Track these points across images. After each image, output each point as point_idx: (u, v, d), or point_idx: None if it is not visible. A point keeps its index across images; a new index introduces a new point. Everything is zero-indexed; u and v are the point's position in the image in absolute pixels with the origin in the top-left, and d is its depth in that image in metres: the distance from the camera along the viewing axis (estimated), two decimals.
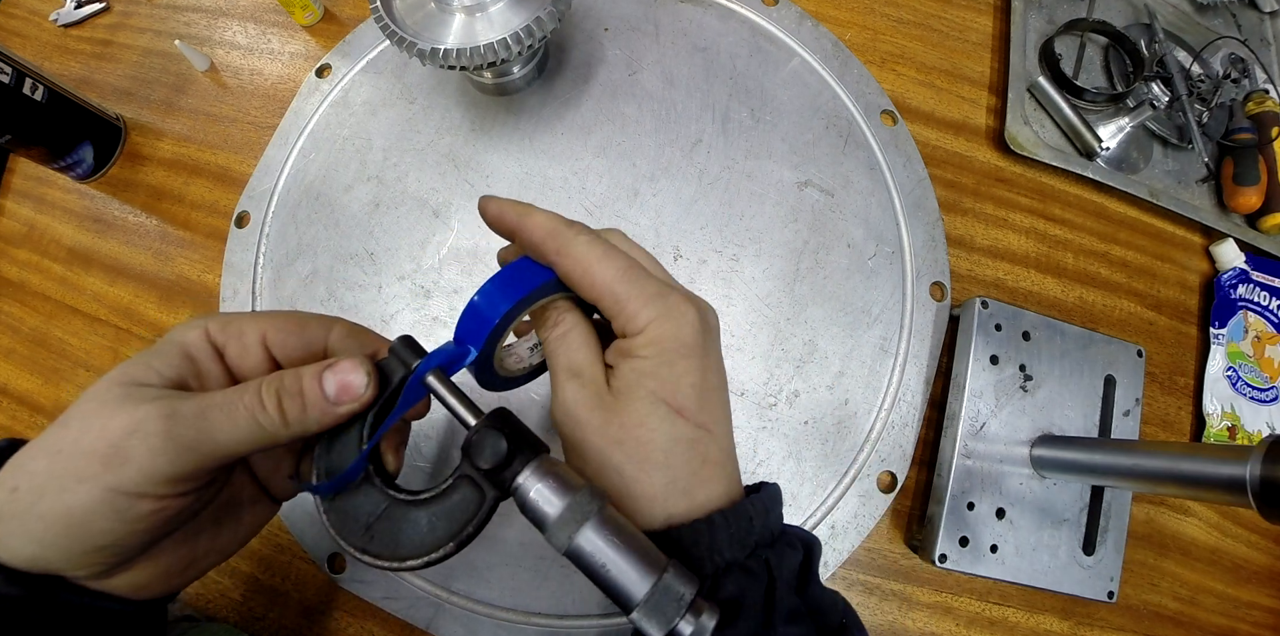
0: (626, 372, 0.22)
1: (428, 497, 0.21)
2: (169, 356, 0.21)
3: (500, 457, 0.20)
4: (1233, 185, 0.49)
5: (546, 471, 0.21)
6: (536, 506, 0.20)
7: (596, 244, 0.23)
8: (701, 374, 0.22)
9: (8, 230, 0.48)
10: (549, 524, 0.20)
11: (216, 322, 0.22)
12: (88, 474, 0.18)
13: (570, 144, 0.44)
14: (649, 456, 0.22)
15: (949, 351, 0.42)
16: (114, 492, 0.18)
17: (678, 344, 0.22)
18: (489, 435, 0.21)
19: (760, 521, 0.22)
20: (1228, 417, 0.45)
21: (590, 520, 0.20)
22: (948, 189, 0.47)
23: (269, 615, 0.37)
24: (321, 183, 0.44)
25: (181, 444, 0.19)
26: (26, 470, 0.19)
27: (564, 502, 0.20)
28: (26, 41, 0.54)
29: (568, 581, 0.36)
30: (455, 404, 0.22)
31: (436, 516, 0.21)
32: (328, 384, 0.21)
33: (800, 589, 0.22)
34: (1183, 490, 0.31)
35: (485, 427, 0.21)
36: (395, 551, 0.21)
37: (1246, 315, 0.48)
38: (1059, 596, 0.39)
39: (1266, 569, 0.45)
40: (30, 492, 0.19)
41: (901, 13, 0.51)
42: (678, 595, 0.19)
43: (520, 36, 0.35)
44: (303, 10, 0.49)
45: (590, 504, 0.20)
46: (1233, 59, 0.55)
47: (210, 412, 0.19)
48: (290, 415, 0.20)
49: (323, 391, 0.21)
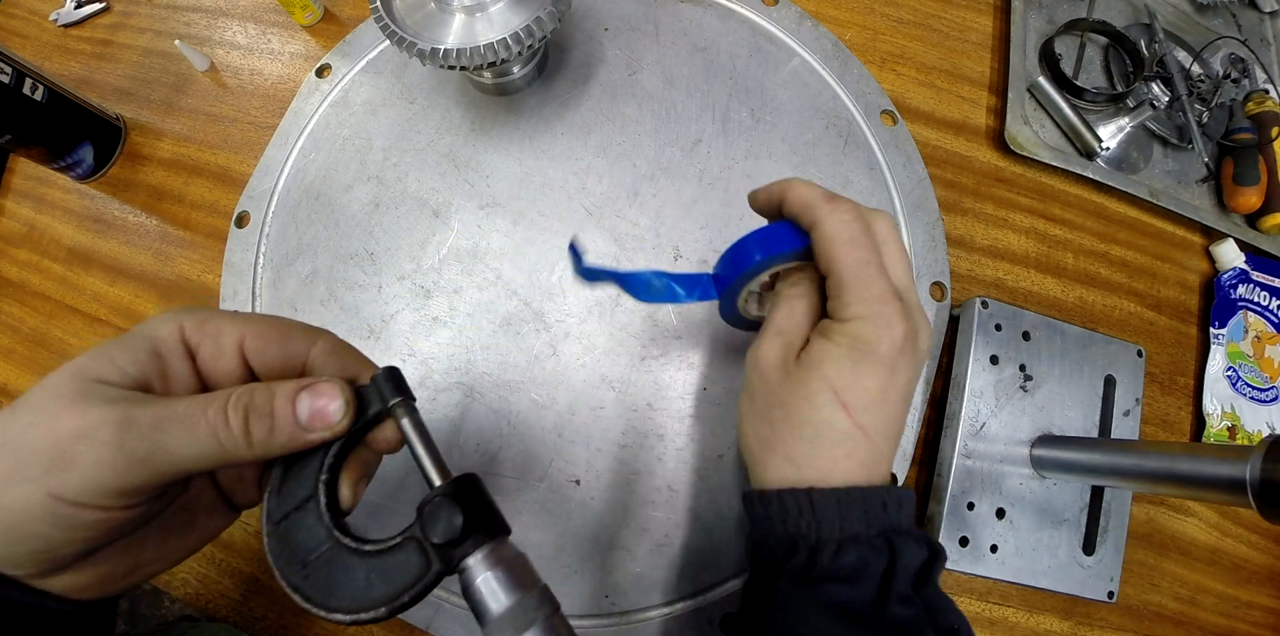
0: (816, 351, 0.24)
1: (372, 551, 0.19)
2: (136, 352, 0.19)
3: (454, 534, 0.19)
4: (1233, 185, 0.49)
5: (499, 560, 0.19)
6: (481, 597, 0.19)
7: (849, 225, 0.24)
8: (881, 383, 0.24)
9: (8, 230, 0.48)
10: (489, 620, 0.19)
11: (194, 320, 0.20)
12: (30, 475, 0.17)
13: (570, 144, 0.44)
14: (799, 429, 0.24)
15: (949, 351, 0.41)
16: (55, 499, 0.17)
17: (870, 348, 0.23)
18: (446, 506, 0.19)
19: (894, 510, 0.24)
20: (1228, 417, 0.45)
21: (534, 627, 0.18)
22: (948, 189, 0.47)
23: (269, 615, 0.37)
24: (321, 183, 0.44)
25: (133, 456, 0.17)
26: None
27: (511, 600, 0.19)
28: (26, 41, 0.54)
29: (567, 582, 0.36)
30: (424, 456, 0.20)
31: (375, 573, 0.19)
32: (301, 407, 0.19)
33: (918, 586, 0.23)
34: (1183, 490, 0.31)
35: (444, 496, 0.19)
36: (326, 599, 0.19)
37: (1246, 315, 0.48)
38: (1059, 596, 0.39)
39: (1266, 569, 0.45)
40: None
41: (901, 13, 0.51)
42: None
43: (520, 36, 0.35)
44: (303, 10, 0.49)
45: (538, 609, 0.19)
46: (1233, 59, 0.55)
47: (168, 424, 0.18)
48: (255, 436, 0.19)
49: (295, 415, 0.19)
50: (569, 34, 0.46)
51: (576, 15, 0.47)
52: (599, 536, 0.37)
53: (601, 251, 0.41)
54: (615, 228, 0.42)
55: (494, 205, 0.42)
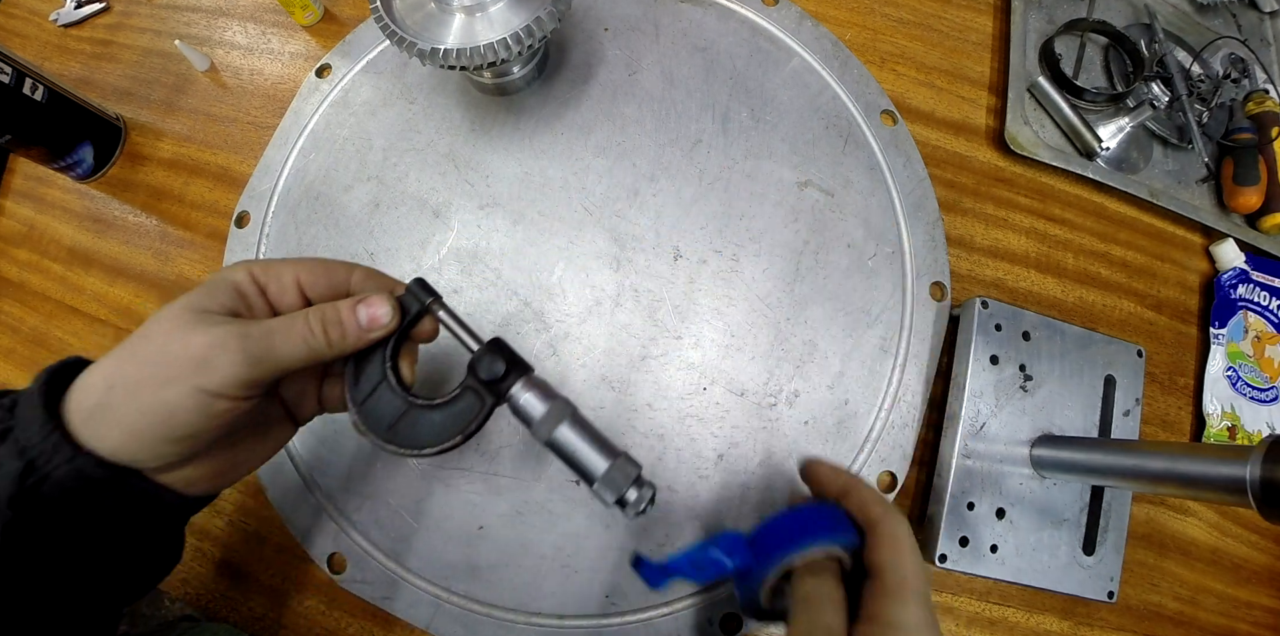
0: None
1: (440, 403, 0.27)
2: (225, 291, 0.25)
3: (498, 373, 0.26)
4: (1233, 185, 0.49)
5: (531, 385, 0.26)
6: (526, 410, 0.26)
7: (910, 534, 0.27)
8: None
9: (8, 230, 0.48)
10: (535, 422, 0.26)
11: (259, 266, 0.26)
12: (178, 376, 0.22)
13: (570, 144, 0.44)
14: None
15: (949, 351, 0.42)
16: (201, 392, 0.22)
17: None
18: (489, 356, 0.26)
19: None
20: (1228, 417, 0.45)
21: (565, 420, 0.26)
22: (948, 189, 0.47)
23: (269, 615, 0.37)
24: (321, 183, 0.44)
25: (251, 357, 0.23)
26: (120, 372, 0.23)
27: (545, 407, 0.26)
28: (26, 41, 0.54)
29: (567, 581, 0.36)
30: (461, 332, 0.27)
31: (447, 417, 0.26)
32: (361, 315, 0.26)
33: None
34: (1183, 490, 0.31)
35: (487, 351, 0.26)
36: (413, 445, 0.26)
37: (1246, 315, 0.48)
38: (1059, 596, 0.39)
39: (1266, 569, 0.45)
40: (126, 390, 0.22)
41: (901, 13, 0.51)
42: (628, 474, 0.26)
43: (520, 36, 0.35)
44: (303, 10, 0.49)
45: (565, 408, 0.26)
46: (1233, 59, 0.55)
47: (273, 335, 0.24)
48: (332, 339, 0.25)
49: (357, 321, 0.26)
50: (569, 34, 0.46)
51: (576, 15, 0.47)
52: (599, 536, 0.37)
53: (601, 251, 0.41)
54: (615, 228, 0.42)
55: (494, 205, 0.42)
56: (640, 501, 0.26)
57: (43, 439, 0.22)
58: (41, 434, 0.22)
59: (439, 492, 0.37)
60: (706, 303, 0.41)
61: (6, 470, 0.22)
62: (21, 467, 0.22)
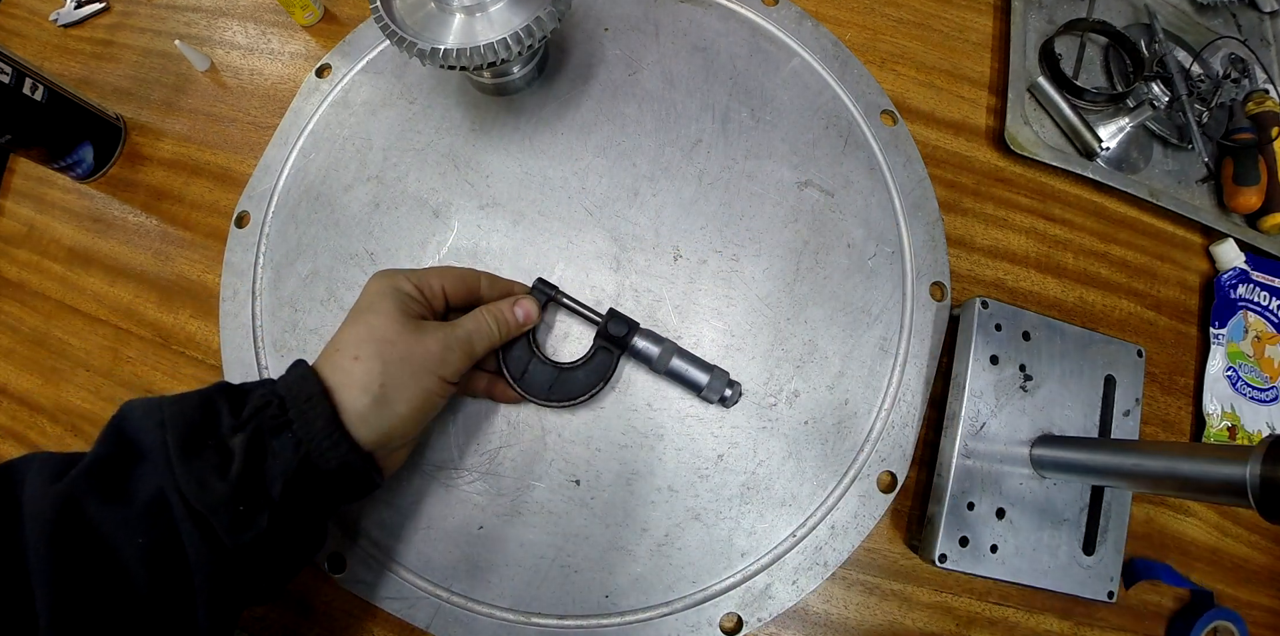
0: None
1: (579, 363, 0.37)
2: (413, 301, 0.32)
3: (625, 331, 0.36)
4: (1233, 185, 0.49)
5: (648, 335, 0.37)
6: (645, 352, 0.37)
7: None
8: None
9: (8, 230, 0.48)
10: (654, 360, 0.37)
11: (414, 276, 0.33)
12: (427, 370, 0.30)
13: (570, 144, 0.44)
14: None
15: (949, 351, 0.42)
16: (444, 381, 0.31)
17: None
18: (615, 320, 0.37)
19: None
20: (1228, 417, 0.45)
21: (675, 354, 0.37)
22: (948, 189, 0.47)
23: (269, 615, 0.37)
24: (321, 183, 0.44)
25: (467, 352, 0.32)
26: (386, 372, 0.29)
27: (660, 348, 0.37)
28: (26, 41, 0.54)
29: (567, 581, 0.36)
30: (583, 310, 0.37)
31: (587, 373, 0.37)
32: (518, 311, 0.35)
33: None
34: (1182, 490, 0.31)
35: (610, 317, 0.37)
36: (568, 397, 0.36)
37: (1246, 315, 0.48)
38: (1059, 596, 0.39)
39: (1266, 569, 0.45)
40: (396, 385, 0.29)
41: (901, 13, 0.51)
42: (724, 380, 0.37)
43: (520, 36, 0.35)
44: (303, 10, 0.49)
45: (671, 347, 0.37)
46: (1233, 59, 0.55)
47: (472, 335, 0.32)
48: (503, 332, 0.34)
49: (515, 316, 0.35)
50: (569, 34, 0.46)
51: (576, 15, 0.47)
52: (599, 536, 0.37)
53: (601, 251, 0.41)
54: (615, 228, 0.42)
55: (494, 205, 0.42)
56: (735, 396, 0.38)
57: (326, 436, 0.27)
58: (326, 432, 0.27)
59: (439, 492, 0.37)
60: (706, 302, 0.41)
61: (283, 460, 0.26)
62: (298, 462, 0.26)
